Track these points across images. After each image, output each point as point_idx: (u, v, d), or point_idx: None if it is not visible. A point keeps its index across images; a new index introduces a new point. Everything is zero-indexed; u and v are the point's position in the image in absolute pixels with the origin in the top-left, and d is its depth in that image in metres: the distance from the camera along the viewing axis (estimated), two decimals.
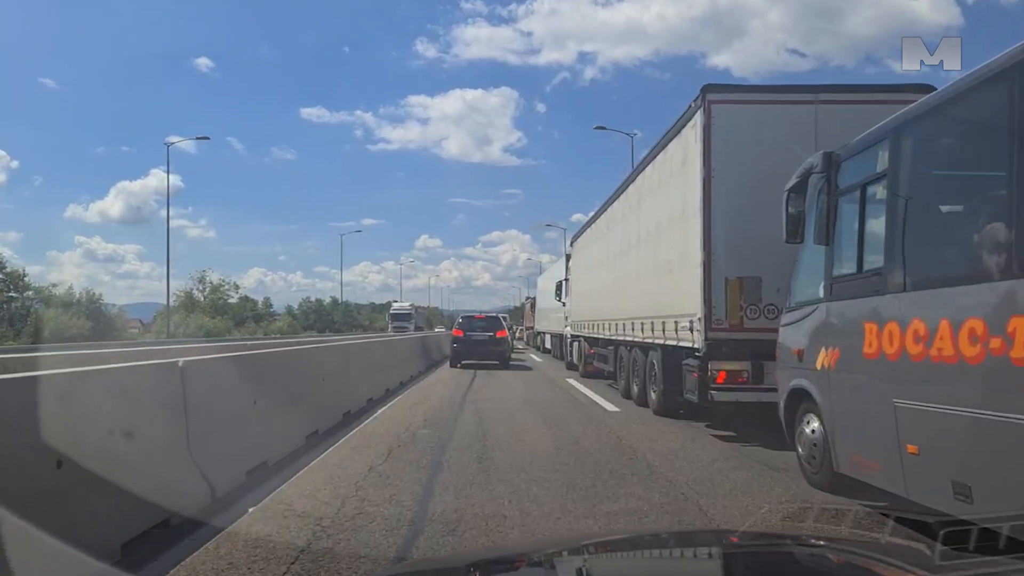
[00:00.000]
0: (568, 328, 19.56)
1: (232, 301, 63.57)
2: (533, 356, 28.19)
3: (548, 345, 28.46)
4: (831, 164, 5.05)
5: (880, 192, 4.41)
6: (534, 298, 39.61)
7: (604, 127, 36.43)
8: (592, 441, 7.31)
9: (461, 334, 19.58)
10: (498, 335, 19.62)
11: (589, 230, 16.18)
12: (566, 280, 20.93)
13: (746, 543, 1.89)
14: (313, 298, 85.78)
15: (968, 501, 3.34)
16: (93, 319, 40.82)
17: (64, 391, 3.47)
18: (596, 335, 14.35)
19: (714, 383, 7.35)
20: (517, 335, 39.44)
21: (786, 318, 5.81)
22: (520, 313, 62.51)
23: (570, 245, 19.95)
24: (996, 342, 3.17)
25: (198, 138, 37.73)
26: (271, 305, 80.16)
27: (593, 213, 16.03)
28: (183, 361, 4.57)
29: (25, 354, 13.48)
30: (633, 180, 11.08)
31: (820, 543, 1.73)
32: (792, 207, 5.42)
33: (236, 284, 63.05)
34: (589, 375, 15.99)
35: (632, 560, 1.85)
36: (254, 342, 20.80)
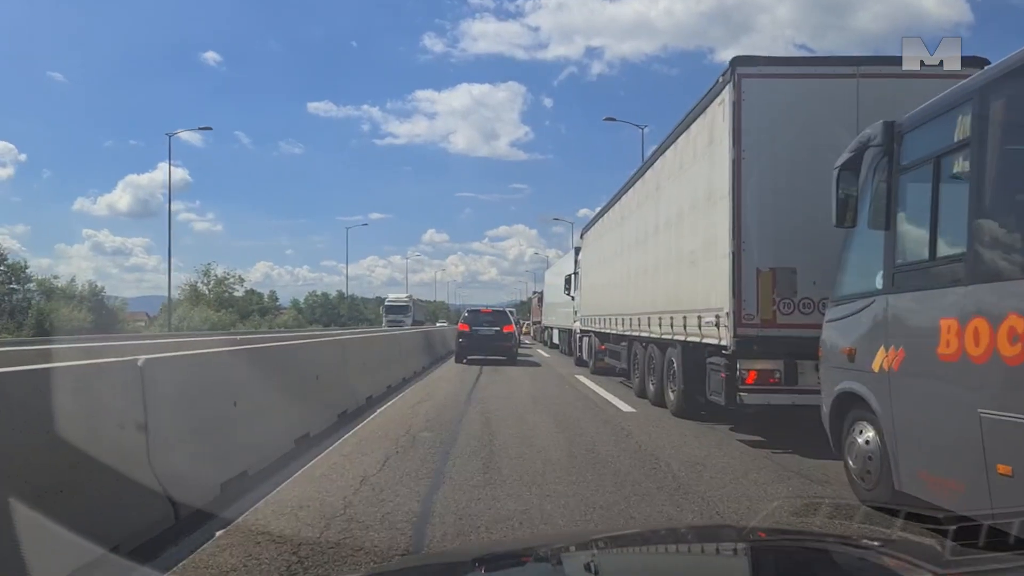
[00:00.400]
0: (577, 323, 18.92)
1: (238, 294, 63.13)
2: (541, 351, 27.56)
3: (556, 340, 27.87)
4: (892, 136, 4.37)
5: (960, 165, 3.74)
6: (541, 292, 39.00)
7: (614, 118, 35.71)
8: (609, 447, 6.68)
9: (467, 329, 18.95)
10: (505, 330, 18.99)
11: (600, 221, 15.52)
12: (575, 274, 20.28)
13: (756, 539, 1.88)
14: (319, 292, 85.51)
15: None
16: (95, 312, 40.37)
17: None
18: (608, 330, 13.70)
19: (743, 384, 6.70)
20: (524, 330, 38.86)
21: (832, 312, 5.15)
22: (527, 307, 61.89)
23: (580, 237, 19.27)
24: None
25: (200, 128, 37.05)
26: (277, 299, 79.90)
27: (605, 204, 15.38)
28: (144, 360, 3.95)
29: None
30: (651, 165, 10.40)
31: (830, 539, 1.74)
32: (843, 187, 4.74)
33: (241, 277, 62.45)
34: (600, 372, 15.35)
35: (639, 556, 1.81)
36: (255, 336, 20.23)
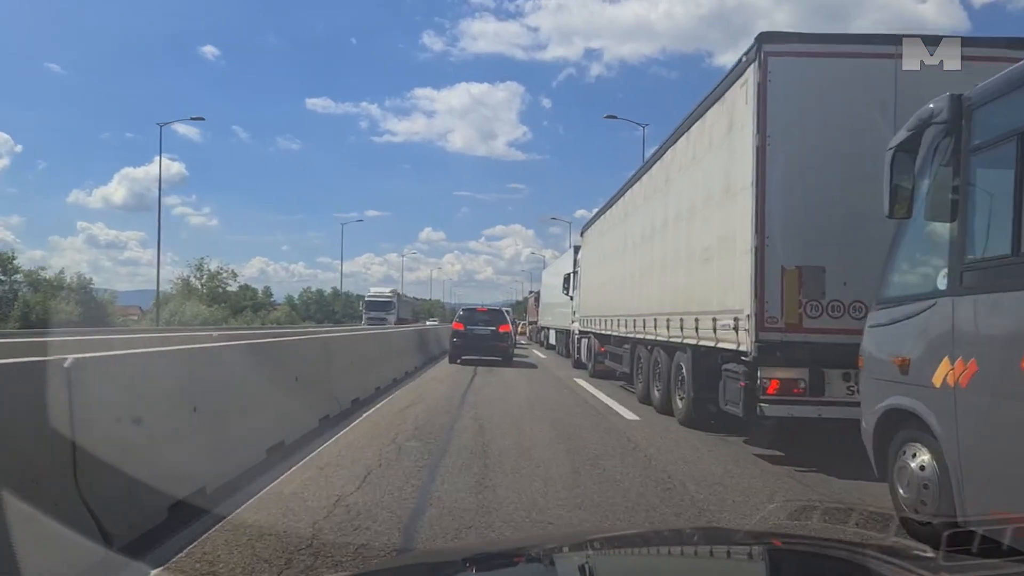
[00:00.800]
0: (576, 324, 18.30)
1: (231, 289, 62.30)
2: (537, 352, 26.92)
3: (552, 341, 27.28)
4: (961, 111, 3.75)
5: None
6: (538, 292, 38.43)
7: (615, 116, 35.14)
8: (615, 461, 6.05)
9: (461, 328, 18.30)
10: (501, 330, 18.35)
11: (602, 218, 14.89)
12: (574, 272, 19.65)
13: (750, 542, 1.86)
14: (314, 288, 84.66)
15: None
16: (83, 305, 39.59)
17: None
18: (609, 332, 13.08)
19: (764, 394, 6.07)
20: (520, 330, 38.23)
21: (877, 316, 4.53)
22: (523, 307, 61.25)
23: (580, 235, 18.65)
24: None
25: (192, 119, 36.09)
26: (271, 294, 79.11)
27: (607, 200, 14.76)
28: (72, 359, 3.30)
29: None
30: (659, 157, 9.78)
31: (825, 543, 1.74)
32: (898, 172, 4.10)
33: (234, 272, 61.59)
34: (599, 375, 14.74)
35: (633, 557, 1.77)
36: (241, 332, 19.55)
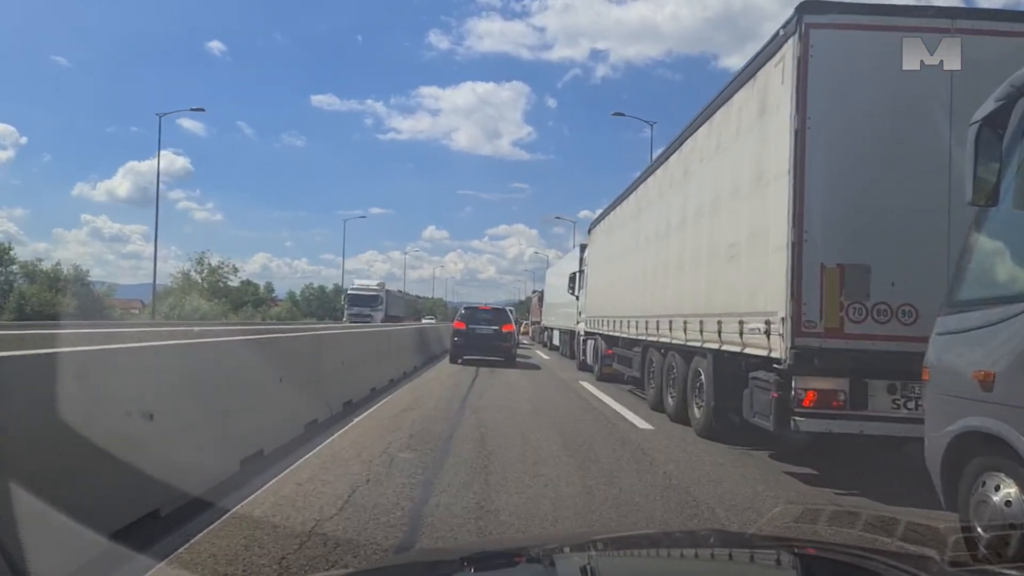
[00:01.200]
0: (582, 324, 17.66)
1: (233, 284, 61.79)
2: (540, 353, 26.29)
3: (556, 342, 26.66)
4: None
5: None
6: (541, 291, 37.82)
7: (623, 113, 34.54)
8: (632, 479, 5.42)
9: (463, 327, 17.67)
10: (504, 329, 17.72)
11: (612, 214, 14.25)
12: (581, 272, 19.00)
13: (755, 545, 1.86)
14: (316, 285, 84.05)
15: None
16: (80, 297, 39.02)
17: None
18: (617, 333, 12.44)
19: (799, 406, 5.43)
20: (523, 330, 37.62)
21: (948, 322, 3.88)
22: (525, 307, 60.55)
23: (587, 233, 18.01)
24: None
25: (193, 109, 35.60)
26: (273, 290, 78.59)
27: (616, 197, 14.12)
28: None
29: None
30: (676, 148, 9.14)
31: (830, 547, 1.73)
32: (983, 151, 3.45)
33: (235, 267, 60.98)
34: (606, 378, 14.09)
35: (634, 559, 1.75)
36: (233, 328, 18.95)
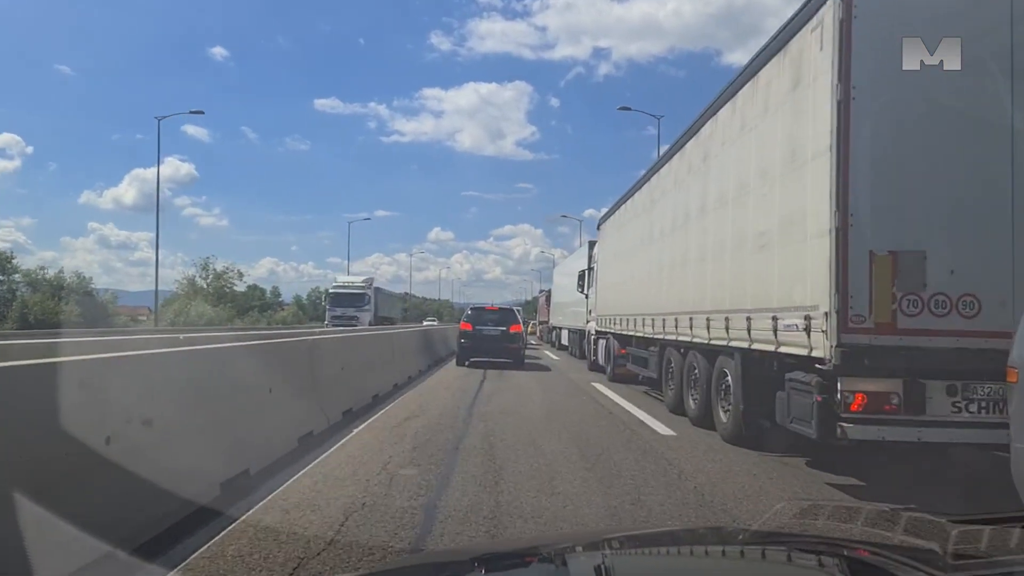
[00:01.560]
0: (592, 324, 17.07)
1: (239, 289, 61.40)
2: (549, 354, 25.69)
3: (565, 341, 26.08)
4: None
5: None
6: (549, 291, 37.29)
7: (629, 108, 33.94)
8: (660, 495, 4.83)
9: (470, 328, 17.10)
10: (512, 330, 17.13)
11: (622, 209, 13.65)
12: (590, 269, 18.42)
13: (757, 541, 1.79)
14: (322, 288, 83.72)
15: None
16: (83, 305, 38.65)
17: None
18: (631, 332, 11.84)
19: (847, 411, 4.84)
20: (530, 330, 37.04)
21: None
22: (532, 307, 60.00)
23: (596, 229, 17.41)
24: None
25: (192, 112, 35.08)
26: (279, 294, 78.37)
27: (628, 189, 13.53)
28: None
29: None
30: (694, 133, 8.54)
31: (833, 541, 1.65)
32: None
33: (240, 272, 60.43)
34: (619, 379, 13.52)
35: (640, 557, 1.73)
36: (230, 333, 18.45)
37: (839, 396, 4.86)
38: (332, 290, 43.48)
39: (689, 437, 7.35)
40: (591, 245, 19.59)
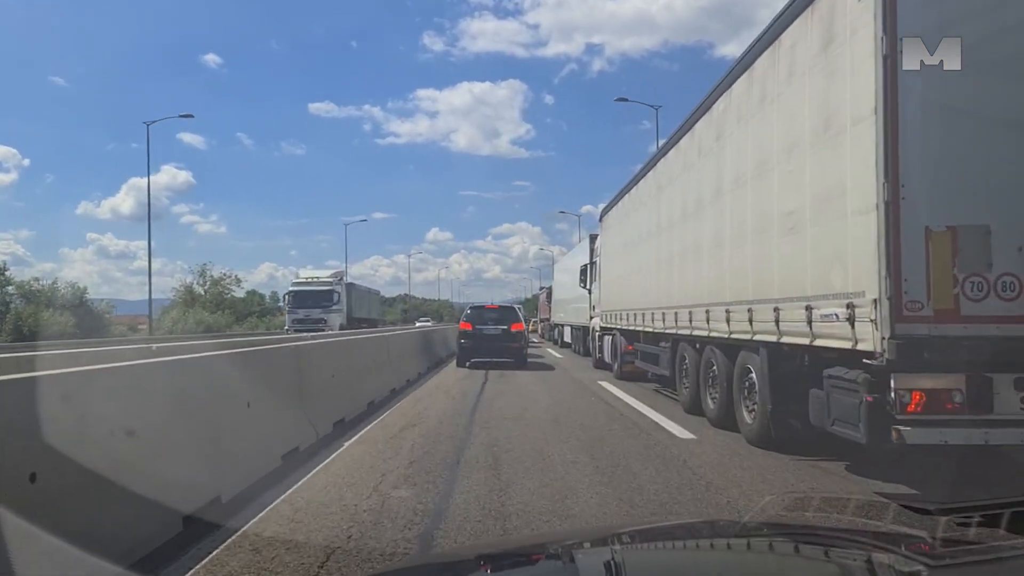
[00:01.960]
0: (596, 320, 16.45)
1: (238, 295, 60.74)
2: (551, 351, 25.08)
3: (568, 339, 25.49)
4: None
5: None
6: (550, 288, 36.68)
7: (626, 99, 33.32)
8: (690, 513, 4.23)
9: (470, 328, 16.46)
10: (514, 328, 16.50)
11: (627, 198, 13.02)
12: (592, 263, 17.80)
13: (748, 532, 1.86)
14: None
15: None
16: (78, 315, 37.96)
17: None
18: (640, 327, 11.22)
19: (903, 411, 4.22)
20: (531, 328, 36.44)
21: None
22: (533, 304, 59.38)
23: (598, 221, 16.77)
24: None
25: (181, 116, 34.31)
26: (279, 299, 77.62)
27: (631, 178, 12.91)
28: None
29: None
30: (706, 111, 7.92)
31: (822, 532, 1.72)
32: None
33: (238, 278, 59.62)
34: (627, 377, 12.91)
35: (632, 552, 1.72)
36: (216, 340, 17.82)
37: (892, 395, 4.24)
38: (292, 288, 35.14)
39: (711, 440, 6.74)
40: (592, 239, 18.97)
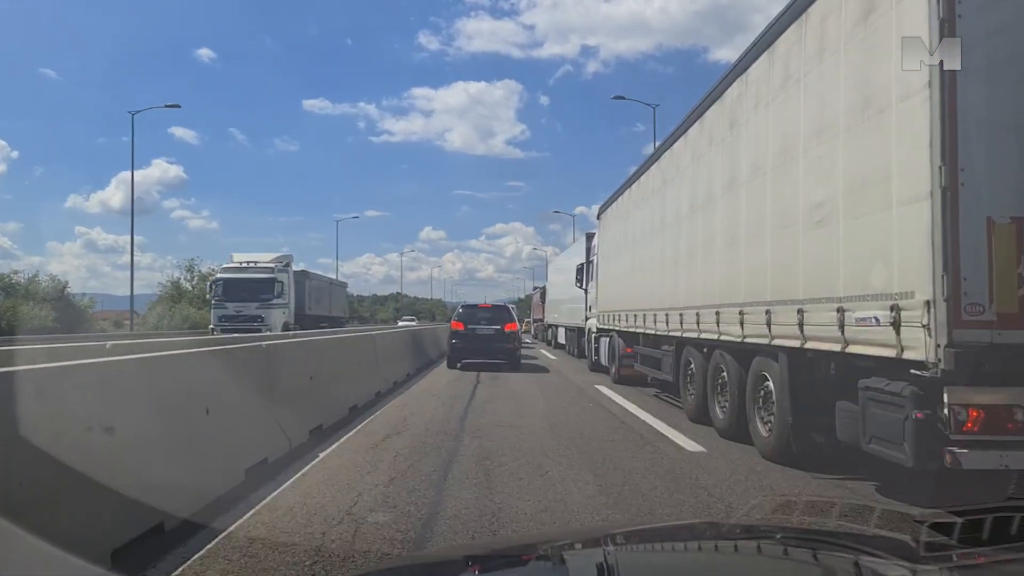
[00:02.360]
0: (593, 321, 15.87)
1: None
2: (545, 352, 24.50)
3: (562, 340, 24.91)
4: None
5: None
6: (543, 288, 36.13)
7: (623, 97, 32.79)
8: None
9: (461, 327, 15.86)
10: (507, 329, 15.91)
11: (627, 194, 12.45)
12: (589, 262, 17.22)
13: (733, 535, 1.87)
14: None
15: None
16: (59, 310, 37.09)
17: None
18: (640, 329, 10.65)
19: (957, 431, 3.66)
20: (524, 328, 35.88)
21: None
22: (526, 304, 58.68)
23: (596, 218, 16.18)
24: None
25: (168, 106, 33.40)
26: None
27: (631, 174, 12.35)
28: None
29: None
30: (717, 99, 7.34)
31: (807, 535, 1.74)
32: None
33: None
34: (625, 381, 12.34)
35: (619, 553, 1.69)
36: (181, 339, 17.12)
37: (946, 412, 3.68)
38: (220, 275, 27.73)
39: (723, 454, 6.17)
40: (589, 237, 18.42)
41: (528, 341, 31.44)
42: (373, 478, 4.99)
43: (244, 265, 27.66)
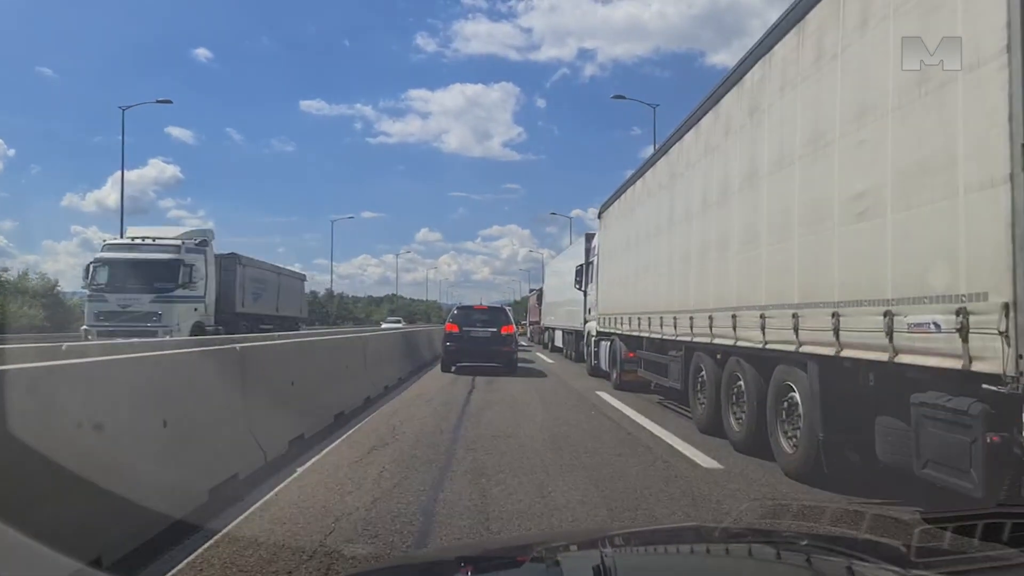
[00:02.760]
0: (592, 323, 15.30)
1: None
2: (542, 356, 23.93)
3: (559, 343, 24.35)
4: None
5: None
6: (540, 290, 35.60)
7: (623, 96, 32.30)
8: None
9: (456, 329, 15.29)
10: (504, 331, 15.35)
11: (631, 191, 11.89)
12: (589, 264, 16.66)
13: (724, 540, 1.85)
14: (310, 290, 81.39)
15: None
16: (49, 308, 36.39)
17: None
18: (644, 333, 10.09)
19: None
20: (520, 331, 35.32)
21: None
22: (523, 307, 58.12)
23: (597, 217, 15.62)
24: None
25: (159, 101, 32.74)
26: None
27: (634, 171, 11.81)
28: None
29: None
30: (735, 84, 6.79)
31: (798, 539, 1.68)
32: None
33: None
34: (626, 387, 11.78)
35: (611, 556, 1.64)
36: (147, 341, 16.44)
37: None
38: (102, 254, 19.39)
39: (742, 471, 5.61)
40: (589, 238, 17.87)
41: (524, 344, 30.87)
42: (354, 499, 4.40)
43: (136, 242, 19.72)
